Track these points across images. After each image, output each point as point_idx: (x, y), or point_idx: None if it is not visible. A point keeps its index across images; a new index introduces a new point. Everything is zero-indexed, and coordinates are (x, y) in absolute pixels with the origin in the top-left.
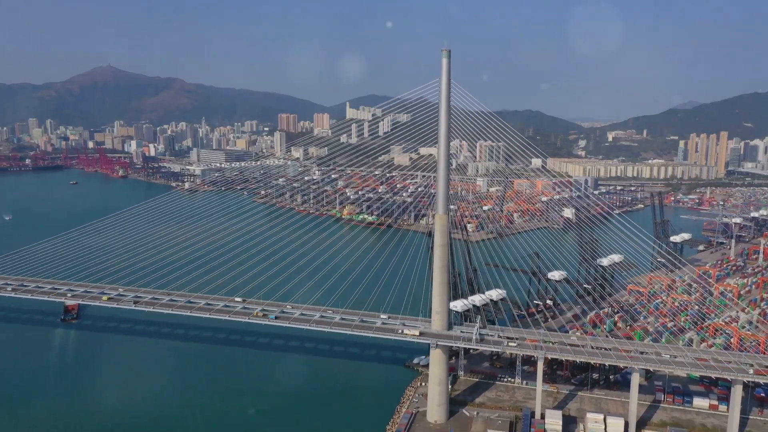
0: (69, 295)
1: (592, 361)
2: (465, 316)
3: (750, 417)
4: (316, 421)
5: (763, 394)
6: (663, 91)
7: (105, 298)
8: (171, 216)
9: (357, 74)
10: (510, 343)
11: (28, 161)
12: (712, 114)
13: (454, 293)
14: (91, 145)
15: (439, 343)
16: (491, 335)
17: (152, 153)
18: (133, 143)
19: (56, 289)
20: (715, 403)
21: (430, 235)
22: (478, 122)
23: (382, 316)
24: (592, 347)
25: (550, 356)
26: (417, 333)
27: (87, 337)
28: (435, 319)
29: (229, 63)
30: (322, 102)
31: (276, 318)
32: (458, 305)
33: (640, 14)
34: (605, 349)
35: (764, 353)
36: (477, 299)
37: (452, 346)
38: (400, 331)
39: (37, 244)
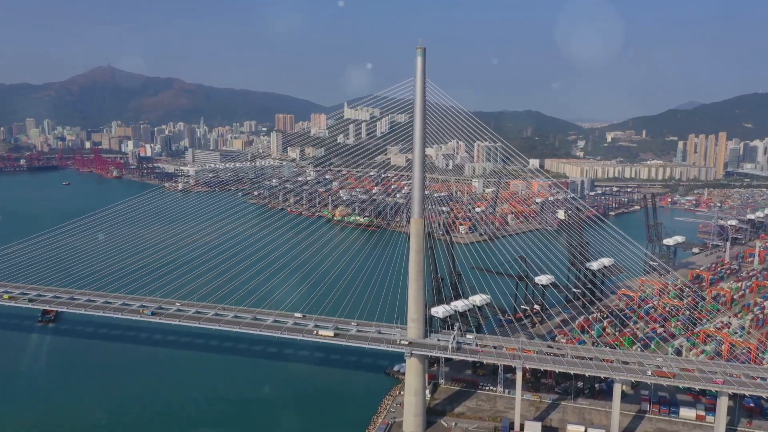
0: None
1: (572, 372)
2: (447, 323)
3: (738, 428)
4: (291, 430)
5: (752, 405)
6: (663, 91)
7: (6, 296)
8: (156, 216)
9: (357, 74)
10: (487, 353)
11: (22, 161)
12: (711, 114)
13: (437, 298)
14: (88, 145)
15: (413, 352)
16: (469, 343)
17: (149, 153)
18: (130, 143)
19: (25, 293)
20: (702, 413)
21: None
22: (462, 123)
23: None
24: (573, 357)
25: (528, 366)
26: (331, 334)
27: (64, 340)
28: (411, 327)
29: (229, 63)
30: (321, 102)
31: (152, 314)
32: (440, 311)
33: (641, 14)
34: (587, 358)
35: (754, 361)
36: (459, 305)
37: (429, 355)
38: (315, 332)
39: (7, 247)
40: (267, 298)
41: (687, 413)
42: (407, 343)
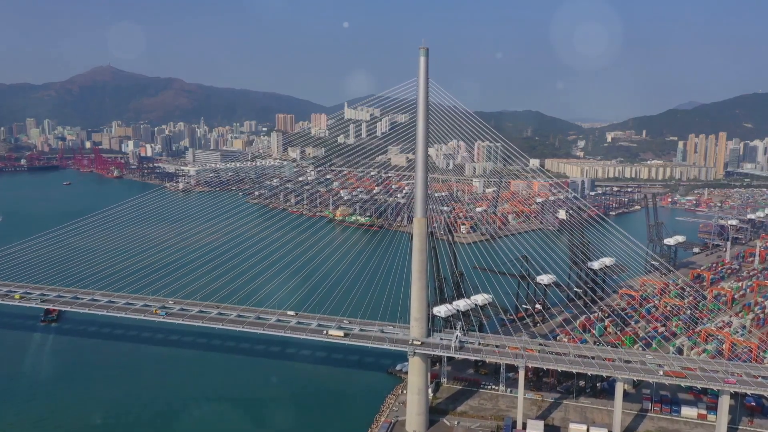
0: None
1: (574, 370)
2: (449, 322)
3: (739, 427)
4: (294, 429)
5: (753, 403)
6: (663, 91)
7: (17, 296)
8: (158, 216)
9: (357, 74)
10: (490, 352)
11: (23, 161)
12: (711, 114)
13: (439, 298)
14: (88, 145)
15: (416, 351)
16: (472, 342)
17: (149, 153)
18: (130, 143)
19: (29, 293)
20: (704, 412)
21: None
22: (463, 123)
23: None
24: (576, 356)
25: (531, 365)
26: (341, 334)
27: (66, 339)
28: (413, 326)
29: (229, 63)
30: (322, 102)
31: (166, 314)
32: (442, 310)
33: (640, 14)
34: (589, 357)
35: (755, 360)
36: (461, 304)
37: (432, 354)
38: (324, 332)
39: (9, 247)
40: (270, 298)
41: (689, 412)
42: (410, 341)
